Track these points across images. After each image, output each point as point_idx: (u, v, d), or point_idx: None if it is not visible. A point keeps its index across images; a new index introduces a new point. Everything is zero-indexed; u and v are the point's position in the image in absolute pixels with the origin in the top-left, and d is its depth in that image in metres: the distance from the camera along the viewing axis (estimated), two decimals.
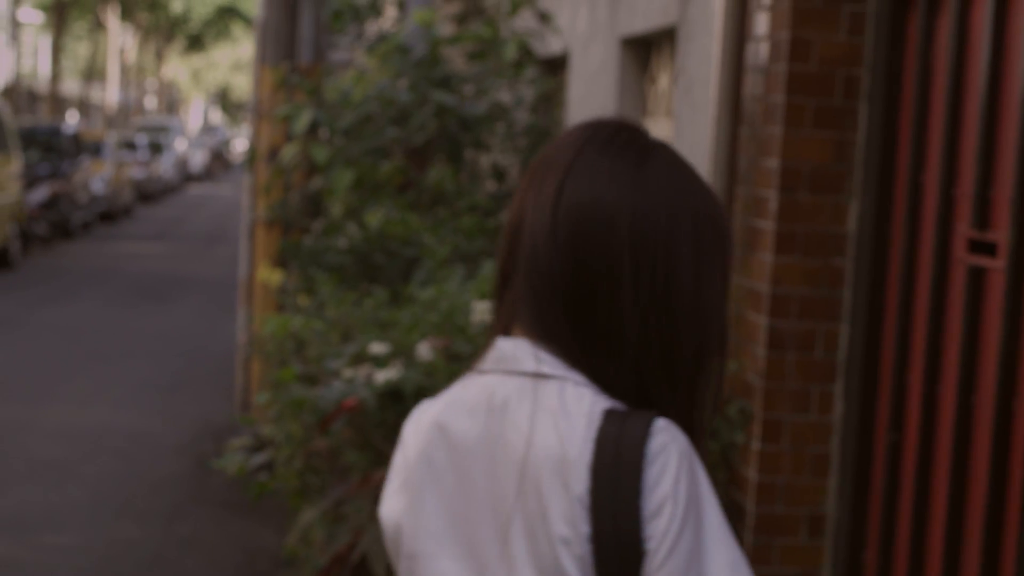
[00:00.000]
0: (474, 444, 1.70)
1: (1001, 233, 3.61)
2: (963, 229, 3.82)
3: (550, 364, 1.68)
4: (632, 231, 1.67)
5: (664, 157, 1.72)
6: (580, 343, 1.68)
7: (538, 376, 1.68)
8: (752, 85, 4.56)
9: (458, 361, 5.28)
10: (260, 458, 5.44)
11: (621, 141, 1.72)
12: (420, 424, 1.75)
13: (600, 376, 1.68)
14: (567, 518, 1.62)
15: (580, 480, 1.61)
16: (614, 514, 1.60)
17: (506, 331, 1.73)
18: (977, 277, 3.73)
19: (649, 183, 1.69)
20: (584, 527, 1.61)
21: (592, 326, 1.67)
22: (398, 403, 5.02)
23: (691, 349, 1.69)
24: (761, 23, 4.48)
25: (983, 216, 3.71)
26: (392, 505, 1.76)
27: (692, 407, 1.71)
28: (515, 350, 1.70)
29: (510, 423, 1.68)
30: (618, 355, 1.67)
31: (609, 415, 1.63)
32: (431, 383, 5.02)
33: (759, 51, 4.49)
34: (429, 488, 1.72)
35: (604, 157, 1.70)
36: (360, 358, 5.31)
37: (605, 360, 1.68)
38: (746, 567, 1.64)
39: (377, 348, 5.19)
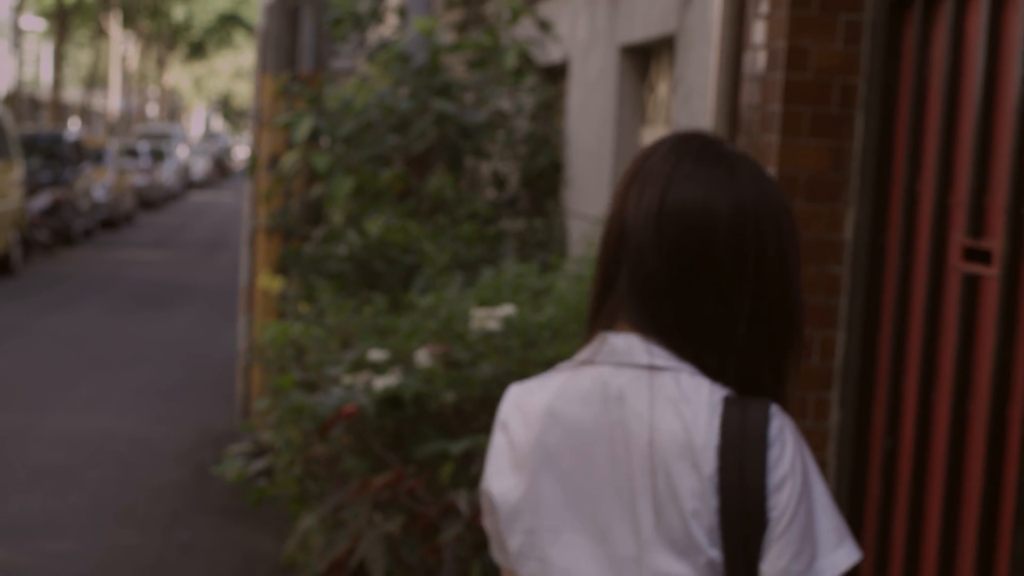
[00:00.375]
0: (591, 429, 1.91)
1: (995, 241, 3.64)
2: (958, 237, 3.85)
3: (662, 357, 1.89)
4: (730, 233, 1.89)
5: (748, 165, 1.95)
6: (686, 337, 1.90)
7: (652, 368, 1.89)
8: (749, 93, 4.59)
9: (456, 367, 5.30)
10: (259, 464, 5.46)
11: (712, 152, 1.94)
12: (528, 412, 1.96)
13: (706, 366, 1.90)
14: (697, 494, 1.85)
15: (709, 462, 1.84)
16: (741, 490, 1.84)
17: (609, 327, 1.93)
18: (972, 285, 3.75)
19: (740, 189, 1.91)
20: (713, 501, 1.84)
21: (699, 321, 1.90)
22: (397, 409, 5.04)
23: (785, 335, 1.93)
24: (758, 32, 4.51)
25: (978, 224, 3.73)
26: (503, 485, 1.95)
27: (781, 387, 1.95)
28: (627, 344, 1.91)
29: (630, 411, 1.89)
30: (725, 345, 1.90)
31: (728, 403, 1.86)
32: (430, 390, 5.04)
33: (756, 60, 4.52)
34: (545, 469, 1.92)
35: (700, 167, 1.92)
36: (359, 365, 5.34)
37: (711, 351, 1.90)
38: (847, 530, 1.88)
39: (376, 355, 5.22)
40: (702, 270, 1.89)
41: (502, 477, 1.95)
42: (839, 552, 1.86)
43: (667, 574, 1.87)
